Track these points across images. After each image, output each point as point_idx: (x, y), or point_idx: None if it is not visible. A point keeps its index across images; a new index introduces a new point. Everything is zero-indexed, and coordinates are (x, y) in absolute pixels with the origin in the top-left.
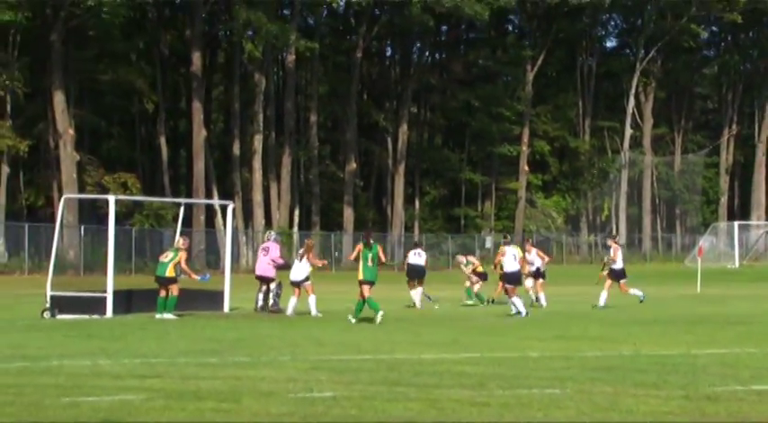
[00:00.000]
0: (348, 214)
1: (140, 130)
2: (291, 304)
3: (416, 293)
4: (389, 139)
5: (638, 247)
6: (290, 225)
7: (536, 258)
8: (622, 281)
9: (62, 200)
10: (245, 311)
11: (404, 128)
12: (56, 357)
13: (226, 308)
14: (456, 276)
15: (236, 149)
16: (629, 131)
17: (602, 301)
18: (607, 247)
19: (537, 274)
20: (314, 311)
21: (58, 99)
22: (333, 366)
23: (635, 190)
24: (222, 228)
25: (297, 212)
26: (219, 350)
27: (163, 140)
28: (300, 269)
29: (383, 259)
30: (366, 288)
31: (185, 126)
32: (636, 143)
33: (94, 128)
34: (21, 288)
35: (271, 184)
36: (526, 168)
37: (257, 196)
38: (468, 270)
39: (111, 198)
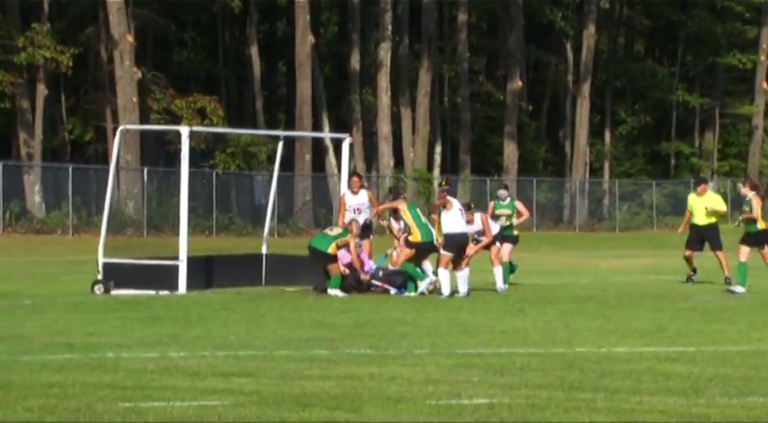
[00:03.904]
0: (511, 151)
1: (223, 37)
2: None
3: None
4: (569, 47)
5: None
6: (430, 167)
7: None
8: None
9: (118, 132)
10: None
11: (590, 30)
12: (111, 347)
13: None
14: (663, 239)
15: (355, 63)
16: None
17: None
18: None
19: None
20: (462, 289)
21: None
22: (488, 363)
23: None
24: (336, 171)
25: (438, 150)
26: (332, 339)
27: (254, 50)
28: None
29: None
30: None
31: (285, 30)
32: None
33: (161, 34)
34: (64, 252)
35: (402, 110)
36: (765, 86)
37: (384, 127)
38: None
39: (185, 130)
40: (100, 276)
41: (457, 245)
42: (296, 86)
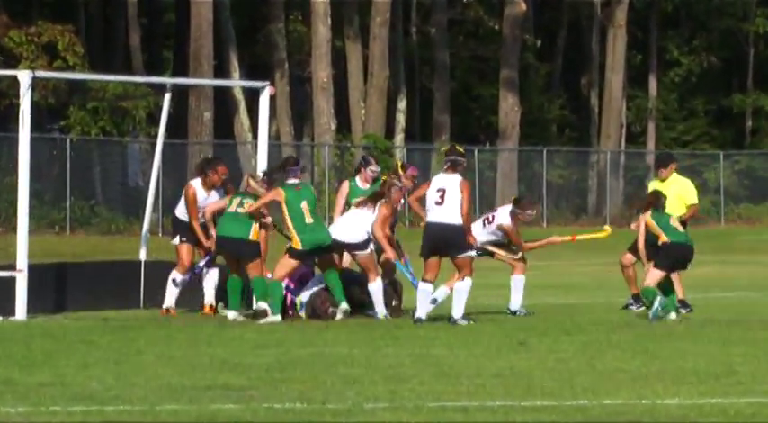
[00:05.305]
0: (509, 108)
1: None
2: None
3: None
4: None
5: None
6: (390, 131)
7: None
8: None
9: None
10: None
11: None
12: None
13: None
14: (734, 237)
15: None
16: None
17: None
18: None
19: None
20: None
21: None
22: (475, 421)
23: None
24: (250, 136)
25: (402, 105)
26: (244, 387)
27: None
28: (355, 222)
29: None
30: None
31: None
32: None
33: None
34: None
35: (349, 46)
36: None
37: (321, 72)
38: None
39: (25, 75)
40: None
41: (433, 241)
42: (189, 12)
